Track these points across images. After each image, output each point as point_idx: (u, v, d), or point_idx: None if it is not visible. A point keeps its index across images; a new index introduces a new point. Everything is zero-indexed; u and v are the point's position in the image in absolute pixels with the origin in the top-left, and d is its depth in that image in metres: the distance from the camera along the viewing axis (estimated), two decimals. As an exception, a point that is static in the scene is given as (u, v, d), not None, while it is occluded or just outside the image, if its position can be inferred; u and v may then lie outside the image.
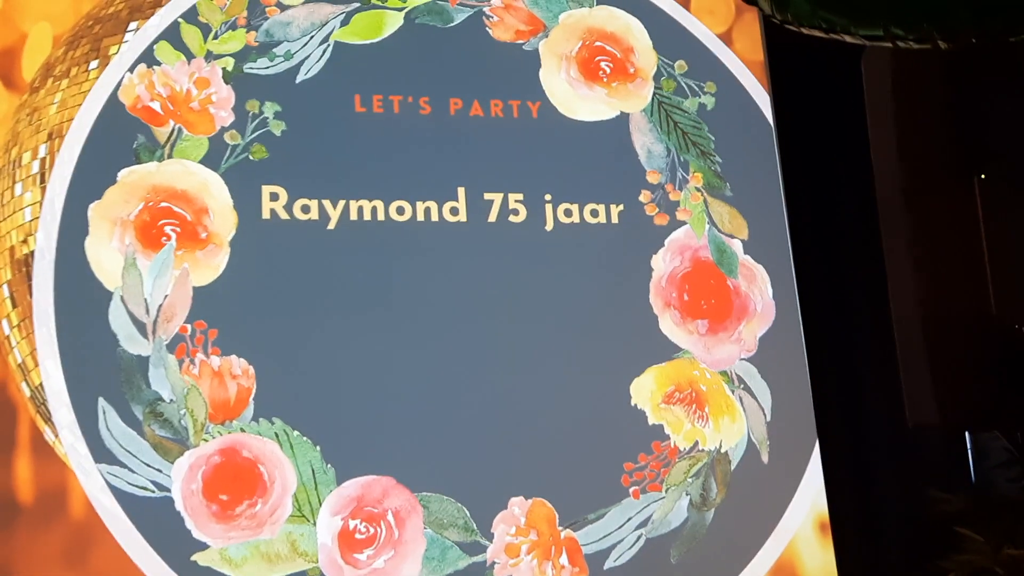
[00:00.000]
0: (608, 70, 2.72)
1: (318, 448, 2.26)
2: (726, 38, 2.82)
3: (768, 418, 2.61)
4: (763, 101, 2.79)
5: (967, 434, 2.74)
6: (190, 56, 2.43)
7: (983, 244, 1.85)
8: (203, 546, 2.14)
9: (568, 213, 2.61)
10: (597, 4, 2.76)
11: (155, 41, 2.41)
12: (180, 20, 2.44)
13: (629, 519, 2.46)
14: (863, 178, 2.35)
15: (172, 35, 2.43)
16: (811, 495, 2.58)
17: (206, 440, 2.19)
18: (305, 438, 2.25)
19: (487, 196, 2.57)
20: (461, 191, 2.55)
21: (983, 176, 1.84)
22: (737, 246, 2.70)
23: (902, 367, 1.92)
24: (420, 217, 2.49)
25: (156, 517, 2.13)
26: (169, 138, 2.35)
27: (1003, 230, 1.84)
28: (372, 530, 2.25)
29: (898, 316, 1.93)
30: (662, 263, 2.64)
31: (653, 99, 2.73)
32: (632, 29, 2.77)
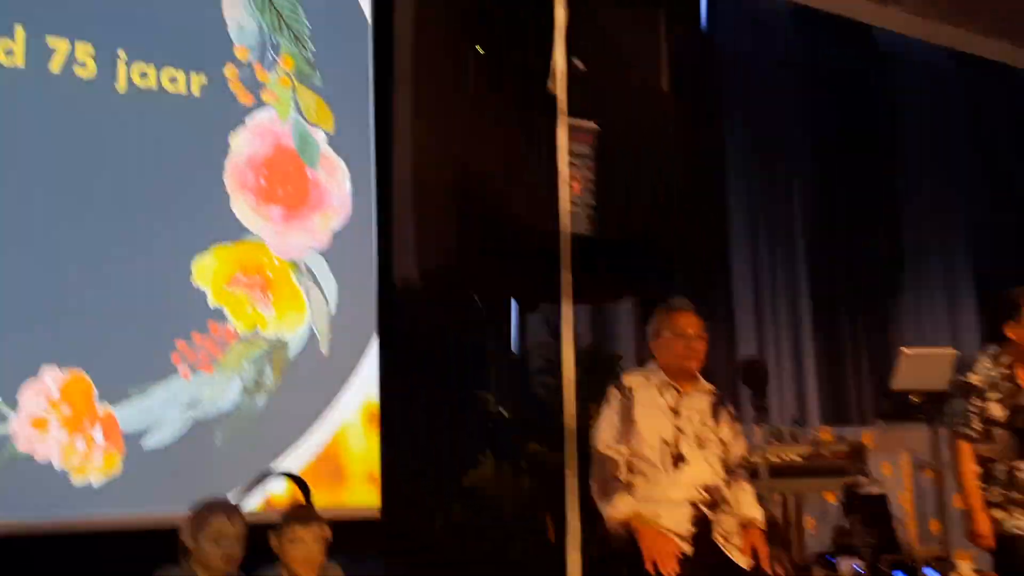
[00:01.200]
0: (207, -67, 2.56)
1: None
2: (331, -77, 2.76)
3: (332, 311, 2.63)
4: (363, -4, 2.78)
5: (517, 338, 2.97)
6: None
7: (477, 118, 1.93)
8: None
9: (144, 76, 2.44)
10: None
11: None
12: None
13: (175, 398, 2.37)
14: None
15: None
16: (364, 387, 2.65)
17: None
18: None
19: (51, 42, 2.32)
20: (19, 29, 2.29)
21: (479, 48, 1.94)
22: (321, 137, 2.67)
23: (395, 233, 1.97)
24: (-37, 55, 2.21)
25: None
26: None
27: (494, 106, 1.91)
28: None
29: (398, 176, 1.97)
30: (242, 143, 2.56)
31: (252, -28, 2.61)
32: None
